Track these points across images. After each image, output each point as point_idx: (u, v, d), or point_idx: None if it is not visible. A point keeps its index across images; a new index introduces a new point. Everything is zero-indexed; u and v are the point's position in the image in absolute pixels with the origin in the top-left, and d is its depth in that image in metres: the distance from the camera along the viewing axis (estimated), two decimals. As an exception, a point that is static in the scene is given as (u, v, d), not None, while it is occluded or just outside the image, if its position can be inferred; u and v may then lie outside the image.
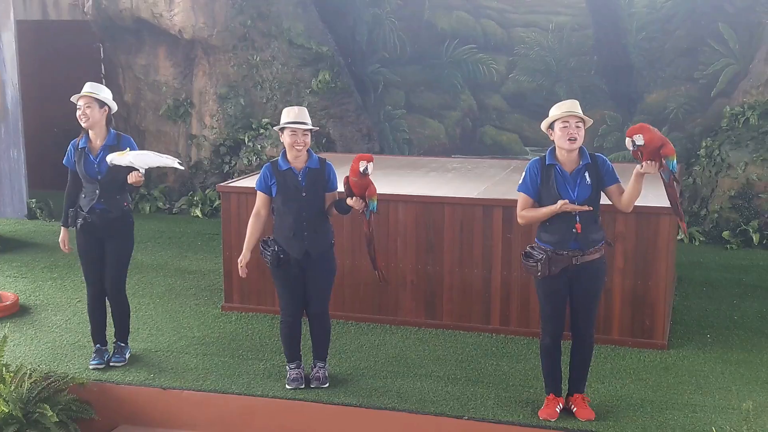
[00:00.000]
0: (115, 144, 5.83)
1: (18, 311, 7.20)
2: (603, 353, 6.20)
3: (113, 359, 6.05)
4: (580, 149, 5.09)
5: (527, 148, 11.02)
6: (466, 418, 5.32)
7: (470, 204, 6.67)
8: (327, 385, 5.70)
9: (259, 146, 10.70)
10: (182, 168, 6.09)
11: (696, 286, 7.96)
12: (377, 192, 5.48)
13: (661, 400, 5.45)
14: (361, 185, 5.39)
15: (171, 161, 5.89)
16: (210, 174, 11.09)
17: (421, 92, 11.26)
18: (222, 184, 7.52)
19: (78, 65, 11.37)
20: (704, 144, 9.98)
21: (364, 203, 5.39)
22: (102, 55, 11.83)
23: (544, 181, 5.11)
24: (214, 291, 7.73)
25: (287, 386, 5.70)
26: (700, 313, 7.19)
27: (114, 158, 5.67)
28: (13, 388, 5.46)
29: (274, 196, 5.58)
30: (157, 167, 5.90)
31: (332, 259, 5.67)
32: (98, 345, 6.13)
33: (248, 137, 10.83)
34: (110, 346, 6.19)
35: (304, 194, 5.49)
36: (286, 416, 5.59)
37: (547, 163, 5.12)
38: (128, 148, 5.75)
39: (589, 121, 5.07)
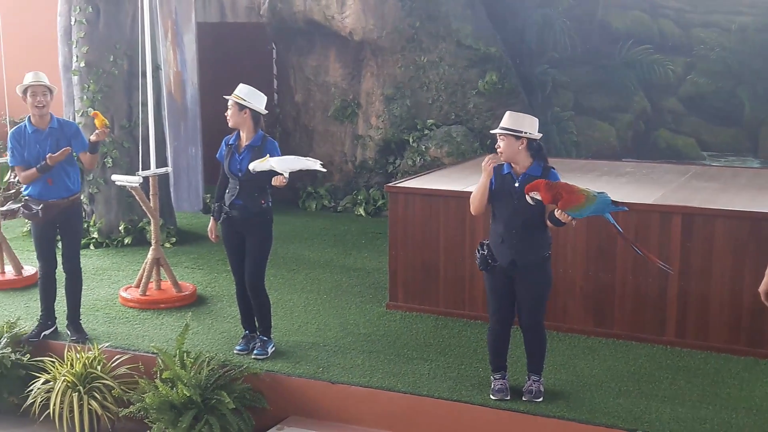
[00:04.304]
0: (259, 145, 6.04)
1: (195, 301, 7.52)
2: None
3: (255, 353, 6.20)
4: None
5: (705, 153, 10.56)
6: (640, 432, 5.14)
7: (646, 210, 6.44)
8: (540, 399, 5.50)
9: (423, 147, 10.74)
10: (324, 170, 6.18)
11: None
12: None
13: None
14: (551, 197, 5.05)
15: (313, 164, 6.03)
16: (374, 174, 11.22)
17: (591, 93, 10.99)
18: (390, 184, 7.58)
19: (252, 66, 11.75)
20: None
21: (567, 215, 5.09)
22: (275, 56, 12.19)
23: None
24: (378, 289, 7.80)
25: (492, 396, 5.57)
26: None
27: (256, 166, 5.89)
28: (192, 374, 5.69)
29: (491, 198, 5.42)
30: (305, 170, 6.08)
31: (544, 271, 5.42)
32: (246, 331, 6.39)
33: (413, 138, 10.88)
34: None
35: (516, 201, 5.30)
36: (451, 417, 5.56)
37: None
38: (268, 155, 5.93)
39: None
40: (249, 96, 6.03)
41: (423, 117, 11.01)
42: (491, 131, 5.42)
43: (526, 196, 5.11)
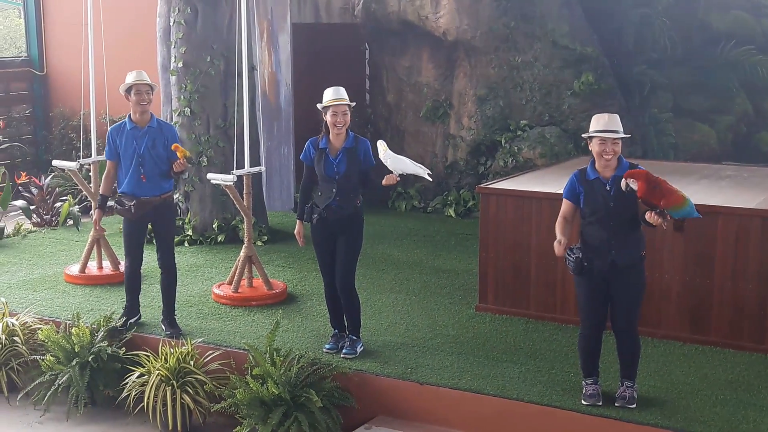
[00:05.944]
0: (354, 146, 6.10)
1: (286, 299, 7.59)
2: None
3: (344, 351, 6.23)
4: None
5: (808, 157, 10.19)
6: (739, 444, 4.97)
7: (747, 215, 6.23)
8: (634, 406, 5.39)
9: (515, 148, 10.62)
10: (431, 180, 6.22)
11: None
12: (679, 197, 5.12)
13: None
14: (647, 190, 5.06)
15: (422, 171, 6.08)
16: (465, 174, 11.15)
17: (690, 95, 10.69)
18: (482, 185, 7.51)
19: (345, 67, 11.80)
20: None
21: (660, 218, 5.10)
22: (368, 56, 12.23)
23: None
24: (467, 291, 7.74)
25: (583, 402, 5.48)
26: None
27: (384, 146, 6.00)
28: (282, 371, 5.74)
29: (582, 206, 5.38)
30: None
31: (641, 272, 5.39)
32: (336, 330, 6.43)
33: (505, 138, 10.77)
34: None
35: (612, 204, 5.26)
36: (541, 422, 5.49)
37: None
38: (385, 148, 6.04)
39: None
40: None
41: (516, 118, 10.89)
42: (598, 134, 5.29)
43: (623, 180, 5.11)
